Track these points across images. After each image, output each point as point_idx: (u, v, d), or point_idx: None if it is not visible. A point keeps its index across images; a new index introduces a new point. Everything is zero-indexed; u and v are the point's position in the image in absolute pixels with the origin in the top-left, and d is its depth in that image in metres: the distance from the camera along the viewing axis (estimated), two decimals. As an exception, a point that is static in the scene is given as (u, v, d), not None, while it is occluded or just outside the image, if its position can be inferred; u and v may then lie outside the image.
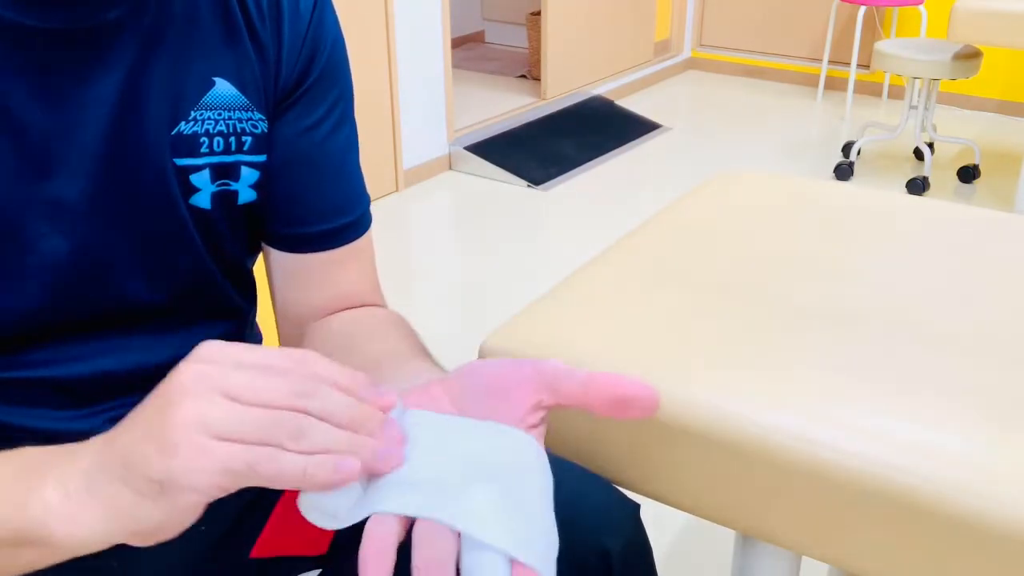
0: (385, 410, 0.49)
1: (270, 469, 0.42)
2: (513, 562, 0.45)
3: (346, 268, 0.77)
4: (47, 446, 0.49)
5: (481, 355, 0.77)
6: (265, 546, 0.76)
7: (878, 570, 0.62)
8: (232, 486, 0.43)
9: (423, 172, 3.57)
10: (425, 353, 0.70)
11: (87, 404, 0.68)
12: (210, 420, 0.42)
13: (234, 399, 0.43)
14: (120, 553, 0.71)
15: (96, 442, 0.47)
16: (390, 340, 0.72)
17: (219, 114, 0.66)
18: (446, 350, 2.32)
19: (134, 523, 0.44)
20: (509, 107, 4.16)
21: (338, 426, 0.45)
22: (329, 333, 0.75)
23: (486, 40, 5.61)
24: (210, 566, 0.75)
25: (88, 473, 0.45)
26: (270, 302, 0.82)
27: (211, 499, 0.43)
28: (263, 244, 0.77)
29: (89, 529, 0.45)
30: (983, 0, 2.75)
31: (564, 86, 4.32)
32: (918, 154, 3.76)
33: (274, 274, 0.78)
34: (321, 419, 0.45)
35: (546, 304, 0.80)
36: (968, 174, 3.54)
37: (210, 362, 0.45)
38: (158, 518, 0.44)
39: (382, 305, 0.81)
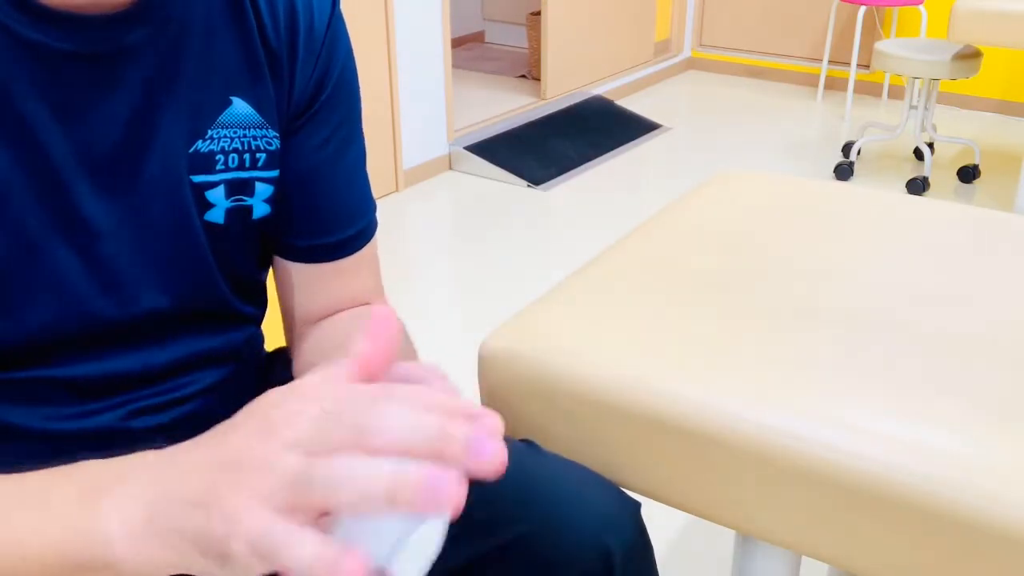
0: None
1: (285, 557, 0.40)
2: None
3: (353, 275, 0.79)
4: (101, 461, 0.47)
5: (481, 355, 0.78)
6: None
7: (878, 570, 0.62)
8: (273, 568, 0.41)
9: (423, 172, 3.57)
10: (405, 353, 0.70)
11: (93, 400, 0.69)
12: (278, 491, 0.41)
13: (316, 455, 0.41)
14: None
15: (159, 475, 0.45)
16: None
17: (235, 132, 0.67)
18: (446, 350, 2.32)
19: (199, 570, 0.43)
20: (509, 107, 4.16)
21: (417, 454, 0.42)
22: (324, 334, 0.76)
23: (486, 40, 5.61)
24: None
25: (151, 511, 0.44)
26: (274, 306, 0.83)
27: None
28: (272, 255, 0.78)
29: (153, 565, 0.44)
30: (983, 0, 2.75)
31: (564, 86, 4.32)
32: (918, 154, 3.76)
33: (283, 282, 0.79)
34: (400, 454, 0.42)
35: (546, 304, 0.80)
36: (968, 174, 3.54)
37: (295, 422, 0.43)
38: (220, 573, 0.43)
39: (383, 303, 0.82)
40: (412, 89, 3.42)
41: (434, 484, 0.40)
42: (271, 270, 0.80)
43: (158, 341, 0.70)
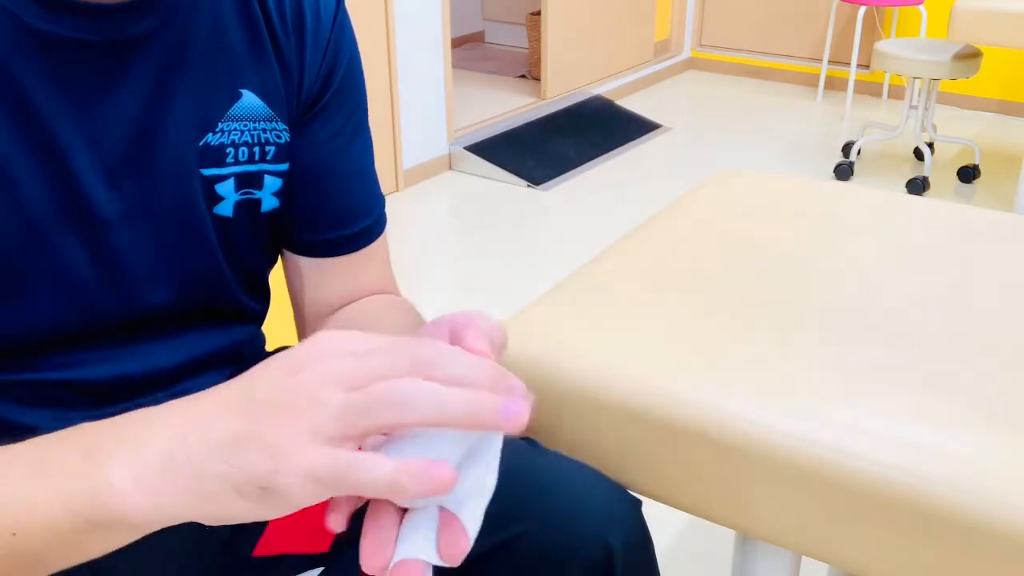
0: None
1: (357, 479, 0.40)
2: (441, 510, 0.45)
3: (364, 268, 0.79)
4: (99, 422, 0.46)
5: (482, 355, 0.78)
6: (268, 544, 0.76)
7: (878, 570, 0.62)
8: (330, 492, 0.41)
9: (423, 172, 3.57)
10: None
11: (103, 404, 0.69)
12: (322, 423, 0.41)
13: (353, 387, 0.42)
14: (125, 554, 0.72)
15: (173, 423, 0.44)
16: (392, 319, 0.74)
17: (245, 125, 0.67)
18: (446, 350, 2.33)
19: (225, 515, 0.42)
20: (509, 107, 4.16)
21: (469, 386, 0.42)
22: (340, 320, 0.77)
23: (486, 40, 5.61)
24: (213, 564, 0.75)
25: (169, 458, 0.43)
26: (277, 306, 0.83)
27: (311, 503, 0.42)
28: (283, 249, 0.78)
29: (166, 514, 0.43)
30: (983, 0, 2.76)
31: (564, 86, 4.32)
32: (918, 154, 3.76)
33: (294, 277, 0.79)
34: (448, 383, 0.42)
35: (546, 304, 0.80)
36: (968, 174, 3.54)
37: (325, 359, 0.43)
38: (251, 513, 0.42)
39: (396, 294, 0.83)
40: (412, 89, 3.42)
41: (503, 404, 0.41)
42: (281, 265, 0.80)
43: (164, 340, 0.70)
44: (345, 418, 0.41)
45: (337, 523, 0.44)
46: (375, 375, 0.42)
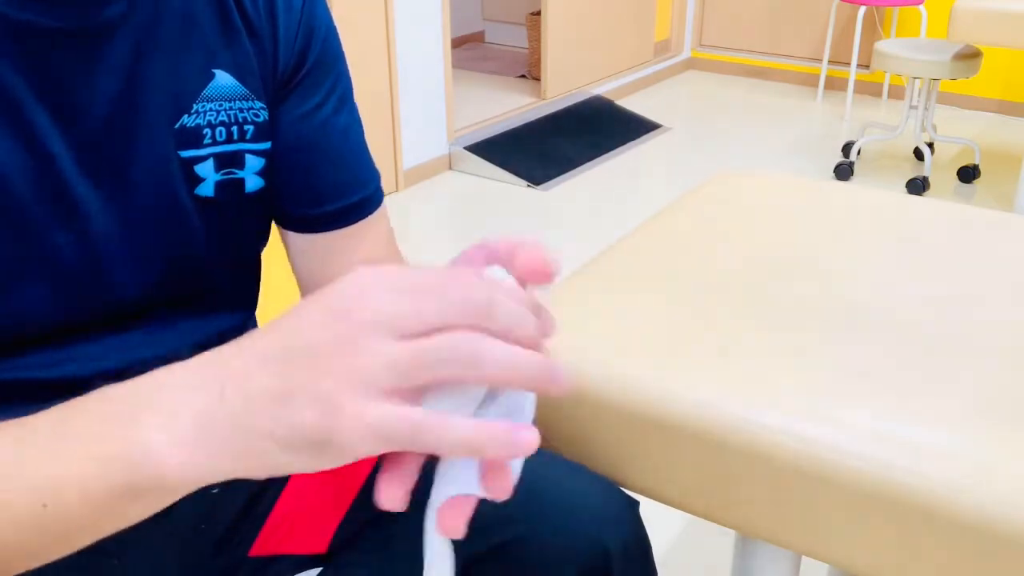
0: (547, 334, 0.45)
1: (432, 441, 0.38)
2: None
3: (362, 243, 0.78)
4: (131, 383, 0.44)
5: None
6: (264, 544, 0.76)
7: (878, 570, 0.62)
8: (396, 449, 0.39)
9: (423, 172, 3.57)
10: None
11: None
12: (377, 374, 0.38)
13: (404, 335, 0.39)
14: (120, 551, 0.71)
15: (206, 379, 0.42)
16: None
17: (220, 105, 0.67)
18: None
19: (272, 470, 0.40)
20: (509, 107, 4.16)
21: (517, 343, 0.41)
22: None
23: (486, 40, 5.61)
24: (210, 564, 0.75)
25: (207, 416, 0.41)
26: (273, 298, 0.82)
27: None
28: (278, 227, 0.78)
29: (206, 473, 0.41)
30: (983, 0, 2.75)
31: (564, 86, 4.32)
32: (918, 154, 3.76)
33: (292, 255, 0.79)
34: (502, 337, 0.40)
35: (545, 303, 0.80)
36: (968, 174, 3.54)
37: (370, 300, 0.40)
38: (301, 467, 0.40)
39: None
40: (412, 89, 3.42)
41: (548, 363, 0.41)
42: (283, 247, 0.80)
43: (147, 331, 0.70)
44: (400, 370, 0.38)
45: (393, 500, 0.42)
46: (427, 324, 0.39)
